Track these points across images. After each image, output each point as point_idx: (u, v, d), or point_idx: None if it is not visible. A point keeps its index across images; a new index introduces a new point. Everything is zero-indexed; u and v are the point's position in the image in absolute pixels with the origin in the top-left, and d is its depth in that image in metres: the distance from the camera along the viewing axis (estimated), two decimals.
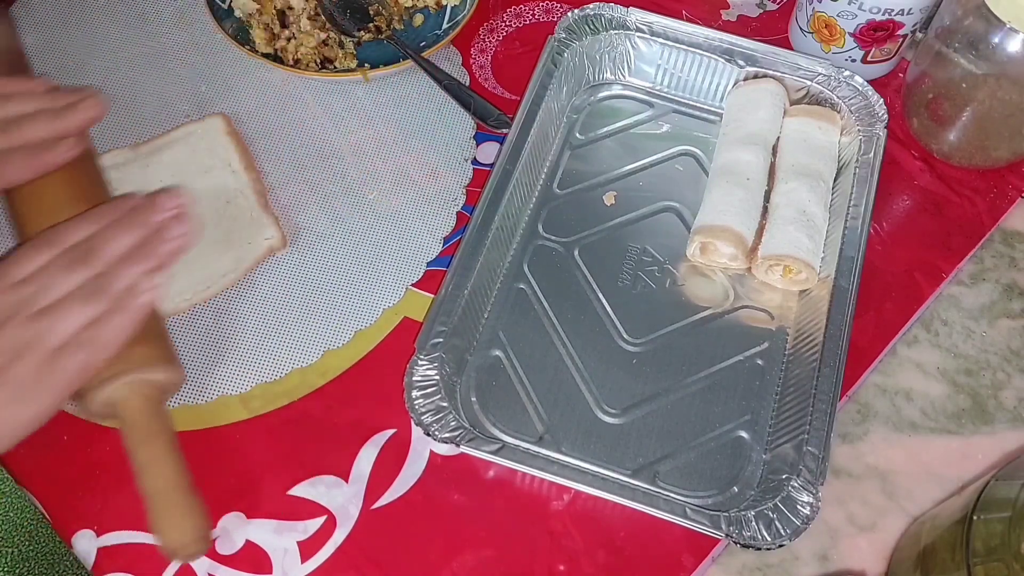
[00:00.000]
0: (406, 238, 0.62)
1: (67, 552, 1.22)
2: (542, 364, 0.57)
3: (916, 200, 0.66)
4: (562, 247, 0.62)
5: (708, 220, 0.60)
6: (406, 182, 0.65)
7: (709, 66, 0.67)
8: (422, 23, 0.72)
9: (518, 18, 0.74)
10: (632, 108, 0.69)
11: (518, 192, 0.62)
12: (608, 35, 0.67)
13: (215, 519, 0.52)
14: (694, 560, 0.51)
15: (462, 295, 0.56)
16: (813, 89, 0.65)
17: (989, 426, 0.57)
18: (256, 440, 0.55)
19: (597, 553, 0.52)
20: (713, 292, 0.61)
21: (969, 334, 0.61)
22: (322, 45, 0.69)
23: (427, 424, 0.52)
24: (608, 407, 0.56)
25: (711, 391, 0.57)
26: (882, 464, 0.56)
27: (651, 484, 0.53)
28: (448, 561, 0.51)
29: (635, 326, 0.59)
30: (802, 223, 0.59)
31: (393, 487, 0.53)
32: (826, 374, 0.53)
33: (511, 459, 0.52)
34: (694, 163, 0.66)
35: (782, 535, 0.49)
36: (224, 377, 0.57)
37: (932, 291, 0.61)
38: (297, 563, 0.51)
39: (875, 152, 0.62)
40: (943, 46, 0.61)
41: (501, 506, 0.53)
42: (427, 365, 0.54)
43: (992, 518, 0.44)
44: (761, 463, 0.54)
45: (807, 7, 0.68)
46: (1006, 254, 0.64)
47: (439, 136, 0.67)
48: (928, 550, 0.49)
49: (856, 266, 0.57)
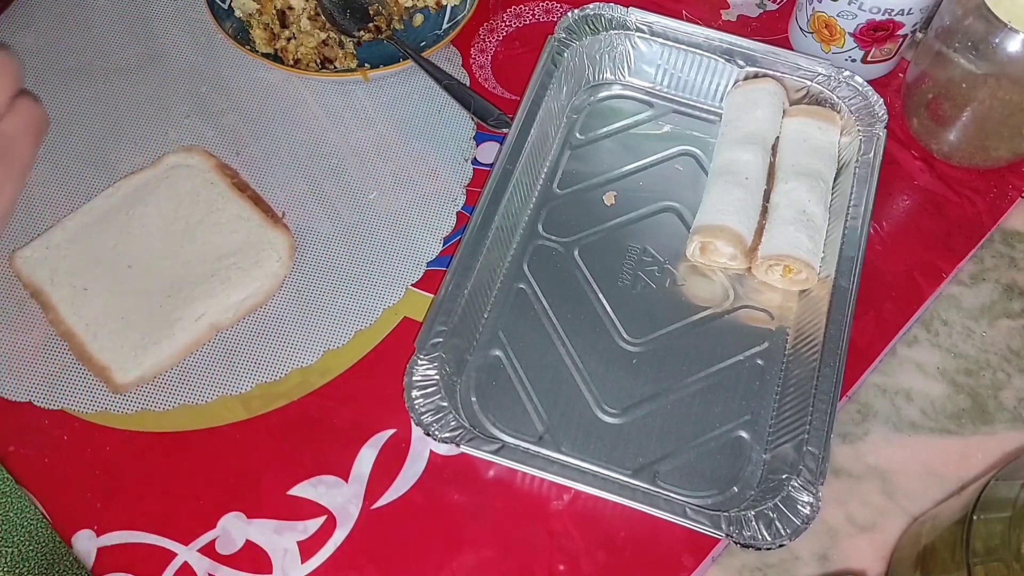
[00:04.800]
0: (406, 238, 0.62)
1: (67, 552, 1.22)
2: (542, 364, 0.57)
3: (916, 200, 0.66)
4: (562, 247, 0.62)
5: (707, 220, 0.60)
6: (406, 182, 0.65)
7: (709, 66, 0.67)
8: (422, 23, 0.72)
9: (518, 18, 0.74)
10: (632, 108, 0.69)
11: (518, 192, 0.62)
12: (608, 35, 0.67)
13: (215, 519, 0.52)
14: (694, 560, 0.51)
15: (462, 295, 0.56)
16: (813, 89, 0.65)
17: (989, 426, 0.57)
18: (256, 440, 0.55)
19: (597, 553, 0.52)
20: (713, 292, 0.61)
21: (969, 334, 0.61)
22: (322, 45, 0.69)
23: (427, 424, 0.52)
24: (608, 407, 0.56)
25: (711, 391, 0.57)
26: (882, 464, 0.56)
27: (651, 484, 0.53)
28: (448, 561, 0.51)
29: (635, 326, 0.59)
30: (802, 223, 0.59)
31: (393, 487, 0.53)
32: (826, 374, 0.54)
33: (511, 459, 0.52)
34: (694, 163, 0.66)
35: (782, 535, 0.49)
36: (224, 377, 0.57)
37: (932, 291, 0.61)
38: (297, 563, 0.51)
39: (875, 152, 0.62)
40: (943, 46, 0.61)
41: (501, 506, 0.53)
42: (427, 365, 0.54)
43: (992, 518, 0.44)
44: (761, 463, 0.54)
45: (807, 7, 0.68)
46: (1006, 254, 0.64)
47: (439, 136, 0.67)
48: (928, 550, 0.49)
49: (856, 266, 0.57)
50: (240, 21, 0.70)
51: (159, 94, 0.69)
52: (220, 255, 0.59)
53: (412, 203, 0.64)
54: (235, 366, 0.57)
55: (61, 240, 0.60)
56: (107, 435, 0.55)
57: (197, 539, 0.52)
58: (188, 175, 0.63)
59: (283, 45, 0.69)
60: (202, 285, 0.58)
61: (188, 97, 0.68)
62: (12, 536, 1.20)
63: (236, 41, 0.67)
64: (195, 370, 0.57)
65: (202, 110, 0.68)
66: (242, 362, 0.57)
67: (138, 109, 0.68)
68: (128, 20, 0.73)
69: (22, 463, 0.54)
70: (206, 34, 0.71)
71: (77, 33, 0.72)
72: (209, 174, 0.63)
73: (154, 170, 0.63)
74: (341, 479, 0.54)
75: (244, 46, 0.67)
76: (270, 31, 0.69)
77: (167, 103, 0.68)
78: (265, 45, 0.69)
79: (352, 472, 0.54)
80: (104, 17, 0.73)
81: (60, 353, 0.57)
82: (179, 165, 0.63)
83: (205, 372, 0.57)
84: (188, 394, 0.56)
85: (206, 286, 0.58)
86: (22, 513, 1.21)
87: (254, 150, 0.66)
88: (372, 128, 0.67)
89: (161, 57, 0.71)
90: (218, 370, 0.57)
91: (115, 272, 0.59)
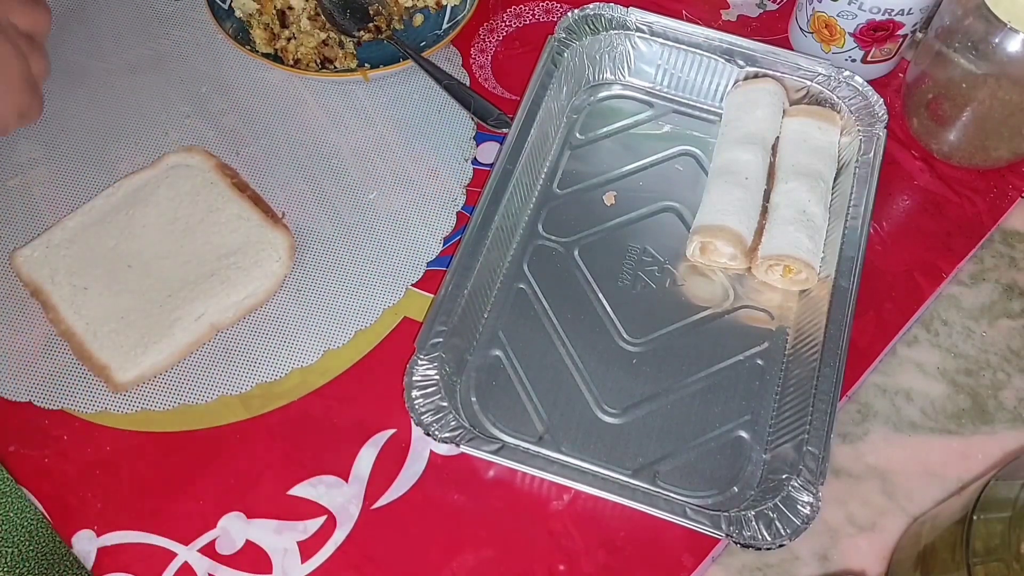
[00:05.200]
0: (406, 238, 0.62)
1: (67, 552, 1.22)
2: (542, 364, 0.57)
3: (916, 200, 0.66)
4: (562, 247, 0.62)
5: (707, 220, 0.60)
6: (406, 182, 0.65)
7: (709, 66, 0.67)
8: (422, 23, 0.72)
9: (518, 18, 0.74)
10: (632, 108, 0.69)
11: (518, 192, 0.62)
12: (608, 35, 0.67)
13: (215, 519, 0.52)
14: (694, 560, 0.51)
15: (462, 295, 0.56)
16: (813, 89, 0.65)
17: (989, 426, 0.57)
18: (256, 440, 0.55)
19: (597, 553, 0.52)
20: (713, 292, 0.61)
21: (969, 334, 0.61)
22: (322, 45, 0.69)
23: (427, 424, 0.52)
24: (608, 407, 0.56)
25: (711, 391, 0.57)
26: (882, 464, 0.56)
27: (651, 484, 0.53)
28: (448, 561, 0.51)
29: (635, 326, 0.59)
30: (802, 223, 0.59)
31: (393, 487, 0.53)
32: (826, 374, 0.54)
33: (511, 459, 0.52)
34: (694, 163, 0.66)
35: (782, 535, 0.49)
36: (224, 377, 0.57)
37: (932, 291, 0.61)
38: (297, 563, 0.51)
39: (875, 152, 0.62)
40: (943, 46, 0.61)
41: (501, 506, 0.53)
42: (427, 365, 0.54)
43: (992, 518, 0.44)
44: (761, 463, 0.54)
45: (807, 7, 0.68)
46: (1006, 254, 0.64)
47: (439, 136, 0.67)
48: (928, 550, 0.49)
49: (856, 266, 0.57)
50: (240, 21, 0.70)
51: (159, 94, 0.69)
52: (220, 255, 0.59)
53: (412, 203, 0.64)
54: (235, 366, 0.57)
55: (61, 239, 0.60)
56: (107, 435, 0.55)
57: (197, 539, 0.52)
58: (188, 175, 0.63)
59: (283, 45, 0.69)
60: (202, 284, 0.58)
61: (188, 97, 0.68)
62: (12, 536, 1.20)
63: (236, 41, 0.67)
64: (195, 370, 0.57)
65: (202, 110, 0.68)
66: (242, 362, 0.57)
67: (138, 109, 0.68)
68: (128, 20, 0.73)
69: (22, 463, 0.54)
70: (206, 34, 0.71)
71: (77, 33, 0.72)
72: (209, 174, 0.63)
73: (154, 170, 0.63)
74: (341, 479, 0.54)
75: (244, 46, 0.67)
76: (270, 31, 0.69)
77: (167, 103, 0.68)
78: (265, 45, 0.69)
79: (352, 472, 0.54)
80: (104, 17, 0.73)
81: (60, 353, 0.57)
82: (179, 165, 0.63)
83: (205, 372, 0.57)
84: (188, 394, 0.56)
85: (206, 285, 0.58)
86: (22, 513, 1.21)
87: (254, 150, 0.66)
88: (372, 128, 0.67)
89: (161, 57, 0.71)
90: (218, 370, 0.57)
91: (115, 272, 0.59)
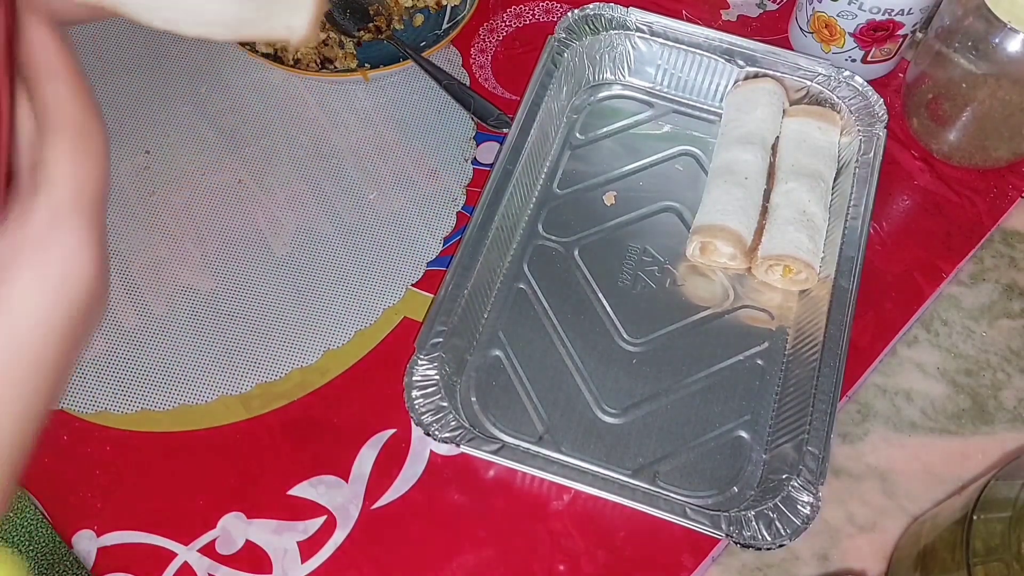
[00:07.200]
0: (406, 238, 0.62)
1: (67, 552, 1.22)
2: (542, 364, 0.57)
3: (916, 200, 0.66)
4: (562, 247, 0.62)
5: (706, 220, 0.60)
6: (406, 182, 0.65)
7: (709, 66, 0.67)
8: (422, 23, 0.72)
9: (518, 18, 0.74)
10: (632, 108, 0.69)
11: (518, 192, 0.62)
12: (608, 35, 0.67)
13: (215, 519, 0.52)
14: (694, 560, 0.51)
15: (462, 295, 0.56)
16: (813, 89, 0.65)
17: (989, 426, 0.57)
18: (256, 440, 0.55)
19: (597, 553, 0.52)
20: (713, 292, 0.61)
21: (969, 334, 0.61)
22: (322, 45, 0.69)
23: (427, 424, 0.52)
24: (608, 407, 0.56)
25: (711, 391, 0.57)
26: (882, 464, 0.56)
27: (651, 484, 0.53)
28: (448, 561, 0.51)
29: (635, 326, 0.59)
30: (802, 223, 0.59)
31: (393, 487, 0.53)
32: (826, 374, 0.53)
33: (511, 459, 0.52)
34: (694, 163, 0.66)
35: (782, 535, 0.49)
36: (224, 377, 0.57)
37: (932, 291, 0.61)
38: (297, 563, 0.51)
39: (875, 152, 0.62)
40: (943, 46, 0.61)
41: (501, 506, 0.53)
42: (427, 365, 0.54)
43: (992, 518, 0.44)
44: (761, 463, 0.54)
45: (807, 7, 0.67)
46: (1006, 254, 0.64)
47: (439, 136, 0.67)
48: (928, 550, 0.49)
49: (856, 266, 0.57)
50: None
51: (159, 94, 0.69)
52: None
53: (412, 203, 0.64)
54: (235, 366, 0.57)
55: None
56: (107, 435, 0.55)
57: (197, 539, 0.52)
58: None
59: (283, 45, 0.69)
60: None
61: (188, 97, 0.68)
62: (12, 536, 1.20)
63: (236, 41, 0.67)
64: (195, 370, 0.57)
65: (202, 110, 0.68)
66: (242, 362, 0.57)
67: (138, 109, 0.68)
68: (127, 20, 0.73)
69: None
70: None
71: (77, 32, 0.72)
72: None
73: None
74: (341, 479, 0.54)
75: (244, 46, 0.67)
76: None
77: (168, 103, 0.68)
78: (265, 45, 0.69)
79: (352, 472, 0.54)
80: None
81: None
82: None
83: (205, 372, 0.57)
84: (188, 394, 0.56)
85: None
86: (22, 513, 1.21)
87: (254, 150, 0.66)
88: (372, 128, 0.67)
89: (161, 57, 0.71)
90: (218, 370, 0.57)
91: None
